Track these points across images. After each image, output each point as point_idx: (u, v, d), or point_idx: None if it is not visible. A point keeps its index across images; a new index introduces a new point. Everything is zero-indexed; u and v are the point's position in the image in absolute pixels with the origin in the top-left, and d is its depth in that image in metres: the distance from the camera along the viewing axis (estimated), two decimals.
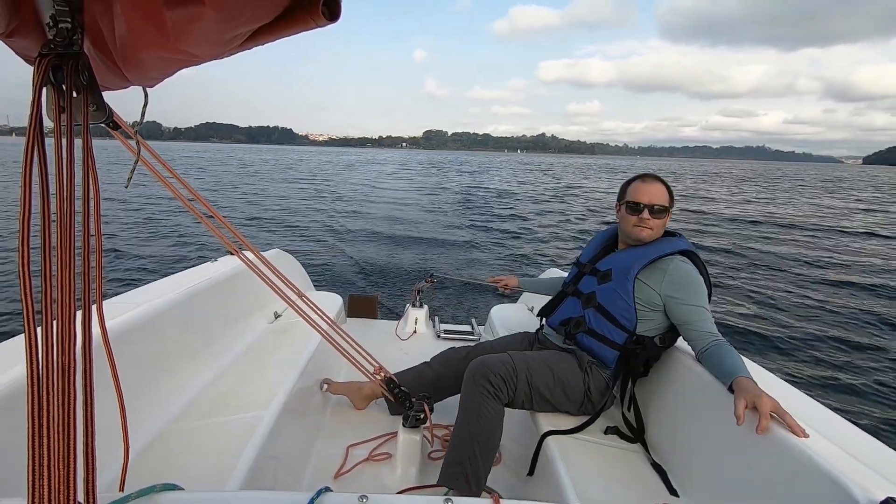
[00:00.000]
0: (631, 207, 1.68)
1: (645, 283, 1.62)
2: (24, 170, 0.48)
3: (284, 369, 1.80)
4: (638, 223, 1.66)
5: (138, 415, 1.36)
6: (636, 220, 1.66)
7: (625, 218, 1.71)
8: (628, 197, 1.70)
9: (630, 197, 1.69)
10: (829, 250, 9.80)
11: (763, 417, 1.15)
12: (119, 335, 1.39)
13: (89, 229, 0.55)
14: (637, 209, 1.66)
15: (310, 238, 9.62)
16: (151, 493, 0.75)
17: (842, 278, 7.40)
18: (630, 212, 1.68)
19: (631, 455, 1.55)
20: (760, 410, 1.17)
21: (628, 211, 1.69)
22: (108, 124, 0.75)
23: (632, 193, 1.69)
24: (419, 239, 9.75)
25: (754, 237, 11.35)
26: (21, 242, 0.47)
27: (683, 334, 1.59)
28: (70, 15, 0.50)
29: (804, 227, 13.20)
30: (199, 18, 0.46)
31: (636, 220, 1.66)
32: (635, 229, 1.67)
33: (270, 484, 1.36)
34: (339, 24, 0.51)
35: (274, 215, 12.58)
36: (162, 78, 0.69)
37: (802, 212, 17.33)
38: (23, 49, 0.56)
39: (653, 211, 1.65)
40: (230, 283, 2.15)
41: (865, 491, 0.92)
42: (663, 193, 1.67)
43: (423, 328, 3.02)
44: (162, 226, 9.97)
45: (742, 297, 6.22)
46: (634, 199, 1.67)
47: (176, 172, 1.05)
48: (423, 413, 1.64)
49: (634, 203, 1.67)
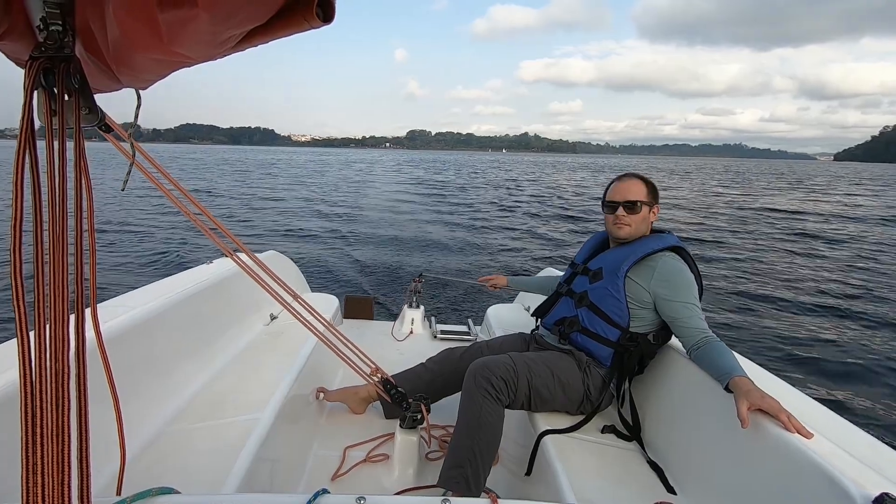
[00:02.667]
0: (608, 207, 1.75)
1: (634, 280, 1.63)
2: (16, 173, 0.47)
3: (281, 371, 1.80)
4: (615, 221, 1.71)
5: (134, 418, 1.35)
6: (613, 218, 1.72)
7: (605, 218, 1.78)
8: (606, 198, 1.77)
9: (607, 198, 1.77)
10: (805, 246, 9.92)
11: (780, 413, 1.16)
12: (114, 338, 1.38)
13: (82, 232, 0.55)
14: (612, 208, 1.72)
15: (305, 240, 9.60)
16: (147, 497, 0.74)
17: (819, 275, 7.49)
18: (607, 211, 1.75)
19: (628, 454, 1.56)
20: (771, 410, 1.18)
21: (606, 211, 1.76)
22: (100, 127, 0.75)
23: (608, 194, 1.77)
24: (417, 239, 9.74)
25: (740, 231, 11.51)
26: (13, 246, 0.47)
27: (674, 331, 1.60)
28: (61, 17, 0.49)
29: (786, 220, 13.46)
30: (193, 20, 0.46)
31: (613, 218, 1.72)
32: (614, 227, 1.73)
33: (267, 486, 1.35)
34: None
35: (269, 217, 12.53)
36: (155, 80, 0.69)
37: (779, 203, 17.94)
38: (13, 52, 0.55)
39: (627, 207, 1.69)
40: (226, 285, 2.14)
41: (860, 487, 0.93)
42: (639, 189, 1.71)
43: (420, 329, 3.01)
44: (157, 228, 9.91)
45: (729, 292, 6.25)
46: (610, 199, 1.74)
47: (170, 175, 1.04)
48: (421, 414, 1.64)
49: (610, 202, 1.74)
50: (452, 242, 9.59)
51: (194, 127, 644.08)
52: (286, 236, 9.94)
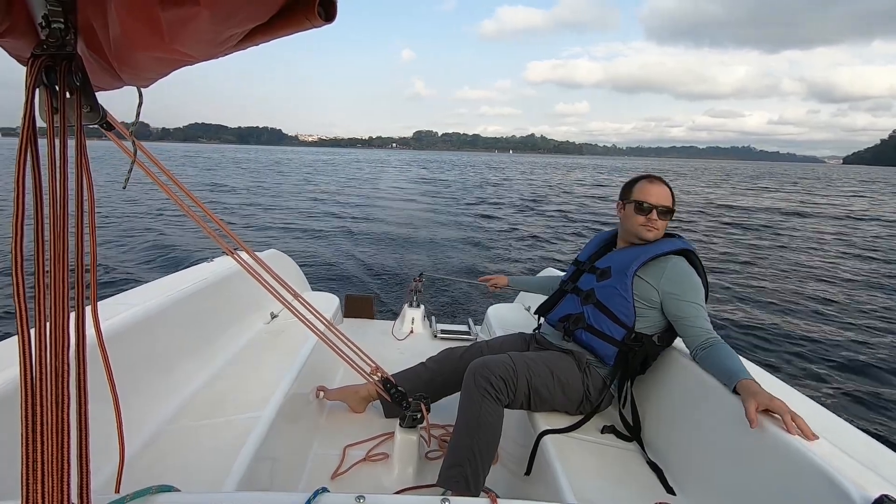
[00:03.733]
0: (639, 207, 1.68)
1: (644, 279, 1.63)
2: (18, 171, 0.47)
3: (281, 370, 1.80)
4: (646, 223, 1.67)
5: (134, 416, 1.35)
6: (644, 219, 1.67)
7: (631, 217, 1.71)
8: (635, 196, 1.70)
9: (638, 196, 1.69)
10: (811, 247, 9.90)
11: (786, 414, 1.16)
12: (114, 336, 1.38)
13: (83, 230, 0.55)
14: (646, 210, 1.67)
15: (306, 238, 9.60)
16: (147, 495, 0.74)
17: (825, 275, 7.48)
18: (638, 211, 1.68)
19: (628, 454, 1.56)
20: (778, 412, 1.17)
21: (636, 210, 1.69)
22: (101, 125, 0.75)
23: (640, 193, 1.70)
24: (418, 238, 9.74)
25: (745, 237, 11.48)
26: (14, 243, 0.47)
27: (679, 330, 1.60)
28: (63, 15, 0.49)
29: (793, 224, 13.44)
30: (195, 18, 0.46)
31: (644, 219, 1.67)
32: (642, 229, 1.68)
33: (267, 485, 1.35)
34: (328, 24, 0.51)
35: (270, 215, 12.54)
36: (156, 78, 0.69)
37: (790, 207, 17.88)
38: (15, 49, 0.55)
39: (660, 212, 1.67)
40: (226, 283, 2.14)
41: (860, 488, 0.93)
42: (669, 195, 1.70)
43: (420, 328, 3.01)
44: (157, 226, 9.92)
45: (732, 295, 6.25)
46: (643, 199, 1.68)
47: (171, 173, 1.04)
48: (420, 413, 1.64)
49: (643, 203, 1.68)
50: (453, 242, 9.59)
51: (203, 126, 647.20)
52: (287, 235, 9.94)
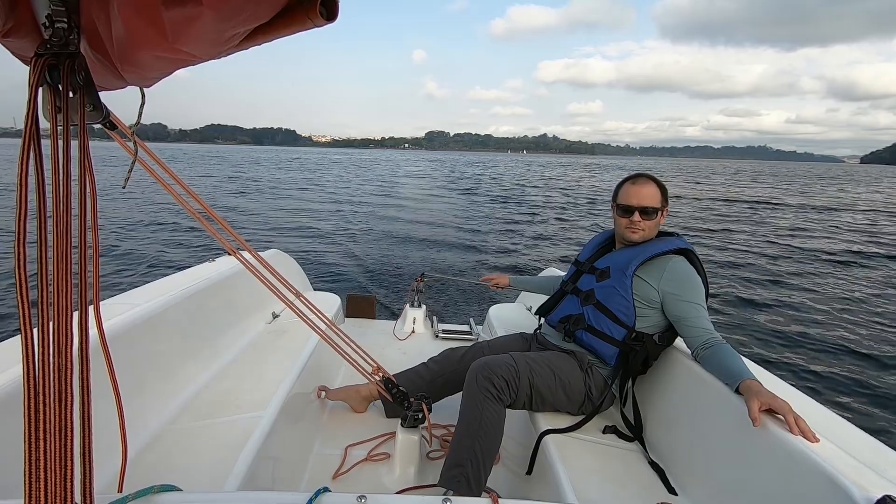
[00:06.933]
0: (621, 209, 1.71)
1: (643, 279, 1.63)
2: (20, 170, 0.47)
3: (283, 370, 1.80)
4: (629, 225, 1.69)
5: (136, 415, 1.36)
6: (627, 222, 1.69)
7: (617, 220, 1.74)
8: (619, 199, 1.73)
9: (621, 200, 1.72)
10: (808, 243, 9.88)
11: (788, 414, 1.15)
12: (117, 336, 1.38)
13: (86, 229, 0.55)
14: (628, 212, 1.69)
15: (308, 238, 9.61)
16: (149, 494, 0.74)
17: (827, 270, 7.46)
18: (620, 214, 1.71)
19: (629, 454, 1.55)
20: (781, 411, 1.17)
21: (619, 213, 1.72)
22: (104, 125, 0.75)
23: (622, 196, 1.72)
24: (419, 239, 9.74)
25: (737, 230, 11.46)
26: (17, 242, 0.47)
27: (680, 331, 1.60)
28: (66, 15, 0.49)
29: (798, 224, 13.40)
30: (198, 18, 0.46)
31: (627, 222, 1.69)
32: (626, 231, 1.70)
33: (269, 484, 1.35)
34: (338, 24, 0.51)
35: (273, 215, 12.56)
36: (159, 78, 0.69)
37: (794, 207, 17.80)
38: (19, 49, 0.55)
39: (643, 213, 1.67)
40: (228, 283, 2.14)
41: (862, 489, 0.93)
42: (654, 194, 1.69)
43: (422, 328, 3.01)
44: (160, 226, 9.94)
45: (733, 296, 6.24)
46: (625, 202, 1.70)
47: (174, 172, 1.04)
48: (422, 413, 1.64)
49: (625, 206, 1.70)
50: (455, 242, 9.59)
51: (219, 128, 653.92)
52: (288, 234, 9.95)
